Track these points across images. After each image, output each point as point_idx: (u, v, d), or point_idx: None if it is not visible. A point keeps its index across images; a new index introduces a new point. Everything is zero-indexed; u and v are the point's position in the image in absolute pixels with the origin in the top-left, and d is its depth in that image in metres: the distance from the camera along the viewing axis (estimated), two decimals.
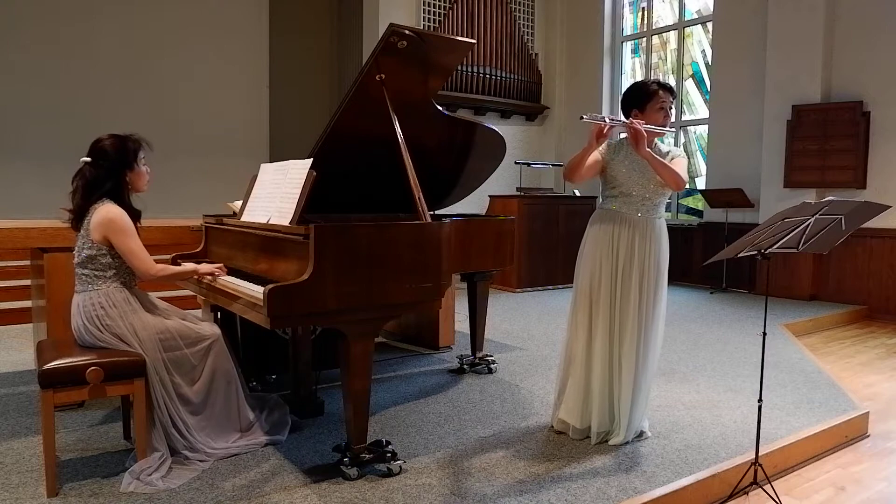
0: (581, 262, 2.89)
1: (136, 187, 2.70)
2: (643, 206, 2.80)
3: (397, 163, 2.74)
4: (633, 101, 2.88)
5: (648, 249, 2.79)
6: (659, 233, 2.83)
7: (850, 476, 2.81)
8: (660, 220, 2.85)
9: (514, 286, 7.35)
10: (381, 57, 2.76)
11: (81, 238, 2.60)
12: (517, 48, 9.10)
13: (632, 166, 2.80)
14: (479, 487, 2.40)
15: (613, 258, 2.79)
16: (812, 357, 4.48)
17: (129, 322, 2.53)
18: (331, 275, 2.33)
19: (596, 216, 2.90)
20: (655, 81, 2.89)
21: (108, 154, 2.60)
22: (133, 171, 2.66)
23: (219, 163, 9.04)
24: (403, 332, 4.79)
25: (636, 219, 2.80)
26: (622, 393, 2.81)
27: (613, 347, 2.81)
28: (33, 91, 8.07)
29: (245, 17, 9.62)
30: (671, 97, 2.85)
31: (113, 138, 2.64)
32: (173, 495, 2.31)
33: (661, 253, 2.82)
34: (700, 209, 8.21)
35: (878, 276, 6.36)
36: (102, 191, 2.59)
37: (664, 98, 2.82)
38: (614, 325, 2.80)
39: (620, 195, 2.83)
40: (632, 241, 2.78)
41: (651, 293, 2.79)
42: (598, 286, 2.81)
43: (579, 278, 2.88)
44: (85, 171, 2.61)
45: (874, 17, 6.35)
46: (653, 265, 2.79)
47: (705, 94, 8.19)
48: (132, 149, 2.65)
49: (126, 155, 2.63)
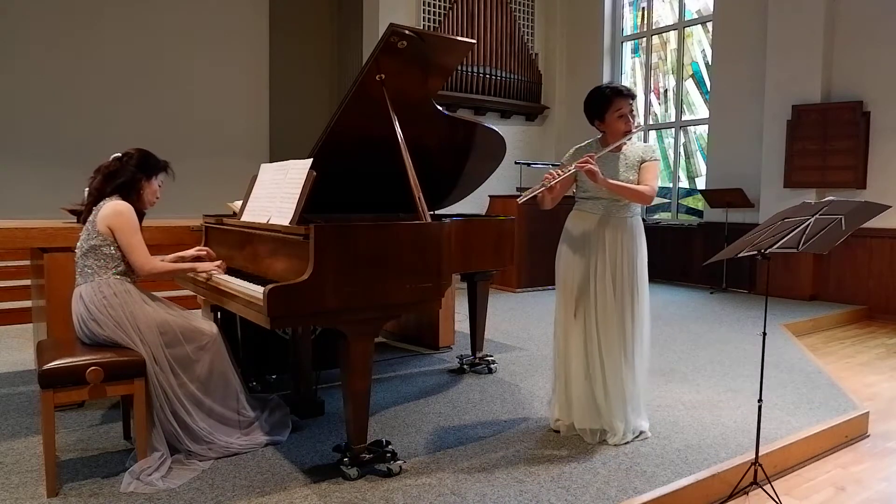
0: (558, 264, 2.95)
1: (144, 198, 2.78)
2: (612, 207, 2.84)
3: (397, 163, 2.73)
4: (592, 111, 2.90)
5: (622, 248, 2.82)
6: (633, 231, 2.86)
7: (850, 476, 2.81)
8: (633, 219, 2.88)
9: (514, 286, 7.36)
10: (381, 57, 2.76)
11: (86, 230, 2.64)
12: (517, 48, 9.10)
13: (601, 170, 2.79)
14: (479, 487, 2.40)
15: (587, 259, 2.84)
16: (812, 357, 4.48)
17: (129, 312, 2.55)
18: (331, 275, 2.33)
19: (570, 218, 2.96)
20: (610, 87, 2.86)
21: (135, 157, 2.75)
22: (149, 182, 2.78)
23: (219, 163, 9.04)
24: (403, 332, 4.79)
25: (607, 219, 2.84)
26: (608, 390, 2.83)
27: (590, 345, 2.83)
28: (34, 92, 8.08)
29: (245, 18, 9.63)
30: (630, 100, 2.83)
31: (144, 150, 2.81)
32: (173, 495, 2.31)
33: (636, 250, 2.85)
34: (700, 209, 8.22)
35: (878, 276, 6.36)
36: (117, 183, 2.69)
37: (621, 104, 2.81)
38: (590, 324, 2.83)
39: (591, 198, 2.88)
40: (604, 241, 2.83)
41: (630, 290, 2.82)
42: (572, 286, 2.86)
43: (558, 280, 2.94)
44: (109, 164, 2.73)
45: (874, 18, 6.35)
46: (628, 263, 2.83)
47: (705, 94, 8.19)
48: (157, 164, 2.81)
49: (150, 166, 2.78)
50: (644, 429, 2.91)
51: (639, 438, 2.87)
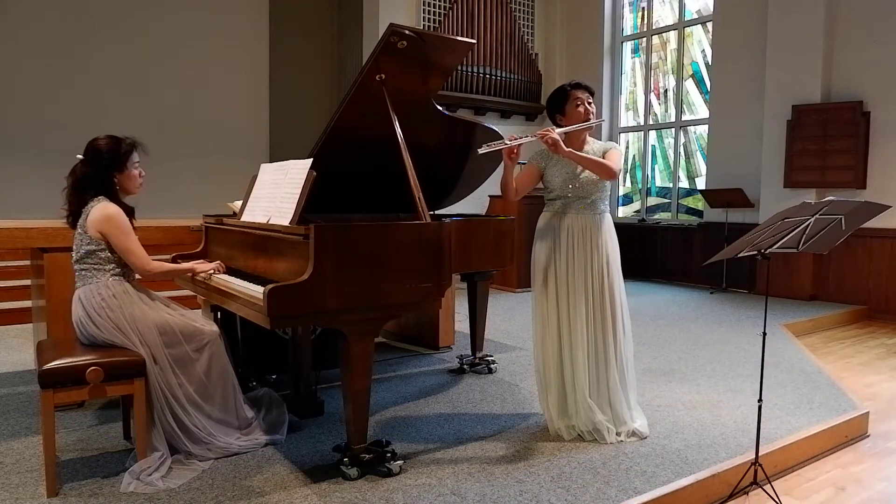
0: (532, 266, 2.99)
1: (126, 189, 2.72)
2: (580, 205, 2.90)
3: (397, 163, 2.73)
4: (553, 107, 3.03)
5: (593, 245, 2.87)
6: (600, 227, 2.91)
7: (850, 476, 2.81)
8: (600, 216, 2.93)
9: (514, 286, 7.35)
10: (381, 57, 2.76)
11: (79, 236, 2.63)
12: (517, 48, 9.10)
13: (564, 170, 2.91)
14: (479, 487, 2.40)
15: (559, 258, 2.89)
16: (812, 357, 4.48)
17: (129, 313, 2.54)
18: (331, 275, 2.33)
19: (540, 220, 3.02)
20: (569, 83, 3.01)
21: (100, 154, 2.63)
22: (123, 173, 2.68)
23: (219, 163, 9.04)
24: (403, 332, 4.79)
25: (575, 218, 2.90)
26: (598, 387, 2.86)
27: (563, 342, 2.87)
28: (34, 91, 8.08)
29: (245, 17, 9.62)
30: (586, 93, 2.96)
31: (107, 139, 2.67)
32: (173, 495, 2.31)
33: (608, 247, 2.90)
34: (700, 209, 8.21)
35: (878, 276, 6.36)
36: (92, 190, 2.62)
37: (579, 95, 2.94)
38: (563, 323, 2.87)
39: (558, 198, 2.95)
40: (575, 240, 2.88)
41: (603, 287, 2.86)
42: (544, 286, 2.91)
43: (533, 282, 2.99)
44: (76, 169, 2.65)
45: (874, 18, 6.35)
46: (599, 260, 2.87)
47: (705, 94, 8.19)
48: (124, 151, 2.67)
49: (117, 157, 2.65)
50: (636, 427, 2.89)
51: (634, 438, 2.86)
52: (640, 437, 2.87)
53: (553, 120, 3.03)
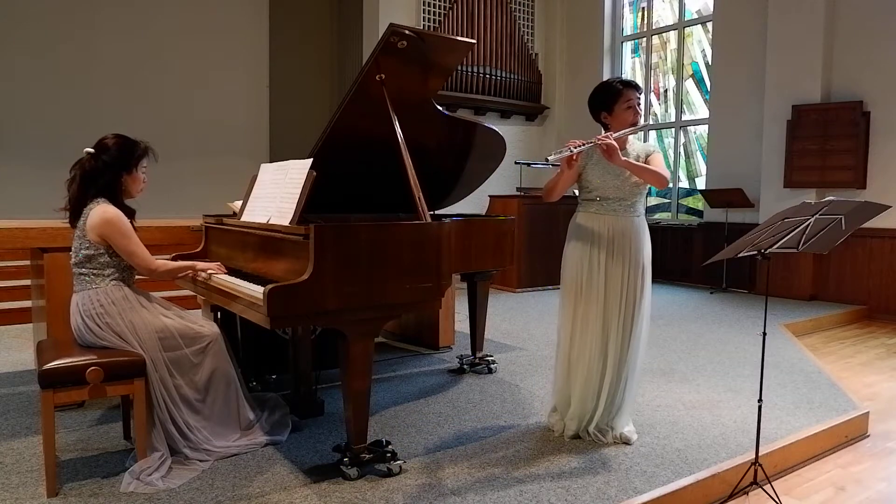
0: (564, 265, 2.91)
1: (129, 192, 2.70)
2: (620, 207, 2.83)
3: (397, 163, 2.73)
4: (600, 103, 2.88)
5: (629, 249, 2.81)
6: (639, 231, 2.85)
7: (850, 476, 2.81)
8: (638, 219, 2.87)
9: (514, 286, 7.36)
10: (381, 57, 2.76)
11: (78, 239, 2.60)
12: (517, 48, 9.10)
13: (606, 170, 2.81)
14: (479, 487, 2.40)
15: (596, 261, 2.81)
16: (812, 357, 4.48)
17: (128, 320, 2.53)
18: (331, 275, 2.33)
19: (576, 219, 2.92)
20: (619, 80, 2.88)
21: (111, 151, 2.61)
22: (130, 174, 2.66)
23: (219, 163, 9.04)
24: (403, 332, 4.79)
25: (615, 220, 2.82)
26: (611, 391, 2.83)
27: (596, 346, 2.81)
28: (34, 91, 8.08)
29: (245, 17, 9.62)
30: (638, 93, 2.84)
31: (120, 138, 2.65)
32: (173, 495, 2.31)
33: (642, 251, 2.84)
34: (700, 209, 8.21)
35: (878, 276, 6.36)
36: (97, 186, 2.59)
37: (631, 96, 2.81)
38: (597, 325, 2.80)
39: (597, 199, 2.85)
40: (612, 243, 2.81)
41: (635, 291, 2.81)
42: (581, 290, 2.82)
43: (565, 281, 2.90)
44: (84, 162, 2.61)
45: (874, 18, 6.35)
46: (634, 264, 2.81)
47: (705, 94, 8.19)
48: (136, 154, 2.66)
49: (128, 157, 2.64)
50: (627, 431, 2.87)
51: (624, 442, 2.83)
52: (628, 442, 2.84)
53: (596, 116, 2.90)
